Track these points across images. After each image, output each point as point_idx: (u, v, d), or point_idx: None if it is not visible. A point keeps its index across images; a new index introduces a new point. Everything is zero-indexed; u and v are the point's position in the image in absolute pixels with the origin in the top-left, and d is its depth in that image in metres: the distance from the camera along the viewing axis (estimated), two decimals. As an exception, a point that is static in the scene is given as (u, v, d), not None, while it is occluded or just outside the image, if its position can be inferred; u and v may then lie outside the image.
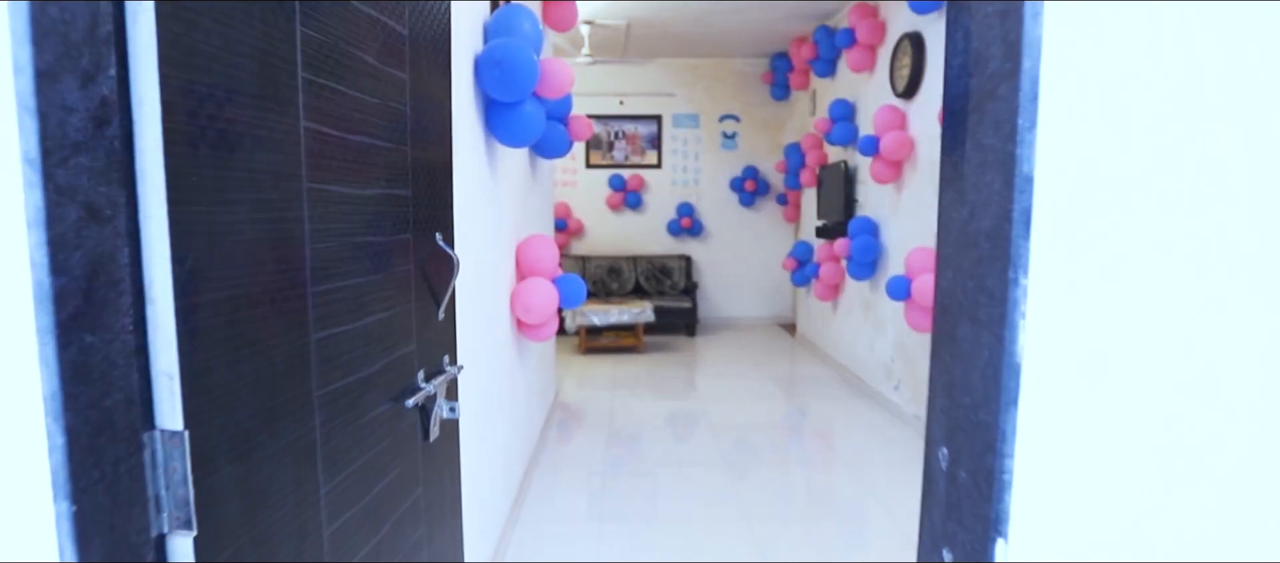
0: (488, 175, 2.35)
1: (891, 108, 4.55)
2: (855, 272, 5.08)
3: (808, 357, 6.55)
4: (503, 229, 2.65)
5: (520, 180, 3.12)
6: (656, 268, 8.01)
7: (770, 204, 8.22)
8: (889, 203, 4.82)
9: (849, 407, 4.90)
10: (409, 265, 1.20)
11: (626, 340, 6.72)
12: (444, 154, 1.39)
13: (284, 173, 0.80)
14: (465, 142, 2.04)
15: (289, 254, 0.81)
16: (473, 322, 2.15)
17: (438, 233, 1.34)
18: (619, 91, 8.03)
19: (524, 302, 2.79)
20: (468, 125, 2.07)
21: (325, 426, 0.90)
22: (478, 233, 2.20)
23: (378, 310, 1.07)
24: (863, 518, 3.17)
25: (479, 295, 2.25)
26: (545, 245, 2.98)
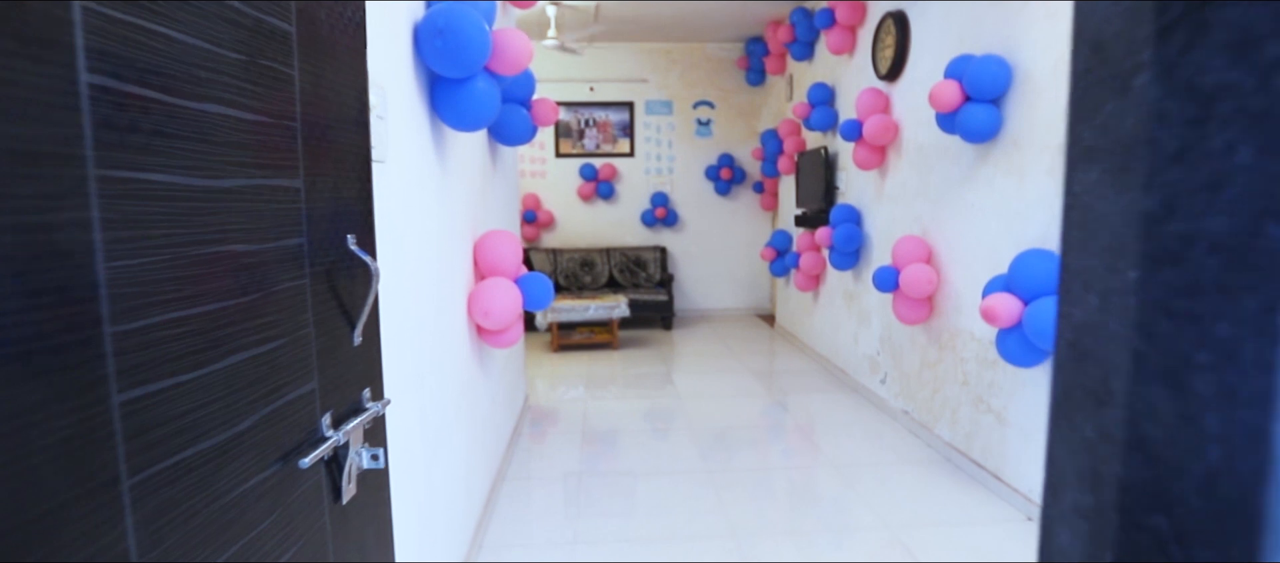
0: (434, 163, 2.06)
1: (874, 91, 4.32)
2: (837, 262, 4.86)
3: (788, 349, 6.34)
4: (455, 225, 2.36)
5: (477, 170, 2.82)
6: (631, 260, 7.74)
7: (747, 193, 7.99)
8: (872, 190, 4.60)
9: (833, 401, 4.68)
10: (303, 278, 0.92)
11: (600, 337, 6.45)
12: (358, 137, 1.10)
13: (41, 153, 0.51)
14: (404, 124, 1.76)
15: (61, 279, 0.53)
16: (416, 335, 1.86)
17: (350, 235, 1.06)
18: (589, 77, 7.73)
19: (483, 306, 2.50)
20: (407, 105, 1.78)
21: (149, 524, 0.62)
22: (422, 230, 1.91)
23: (249, 345, 0.79)
24: (850, 520, 2.95)
25: (427, 302, 1.96)
26: (507, 242, 2.69)
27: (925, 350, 3.86)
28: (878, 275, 3.80)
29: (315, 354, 0.95)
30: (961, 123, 3.08)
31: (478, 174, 2.83)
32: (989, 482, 3.19)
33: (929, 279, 3.55)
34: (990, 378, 3.20)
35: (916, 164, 3.94)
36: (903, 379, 4.17)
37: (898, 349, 4.24)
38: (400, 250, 1.69)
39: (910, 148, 4.02)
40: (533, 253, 7.67)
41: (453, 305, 2.33)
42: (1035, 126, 2.85)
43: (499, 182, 3.40)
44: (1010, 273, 2.72)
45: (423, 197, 1.92)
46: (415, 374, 1.88)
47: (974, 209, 3.32)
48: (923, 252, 3.71)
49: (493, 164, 3.21)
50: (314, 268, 0.95)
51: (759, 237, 8.06)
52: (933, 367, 3.78)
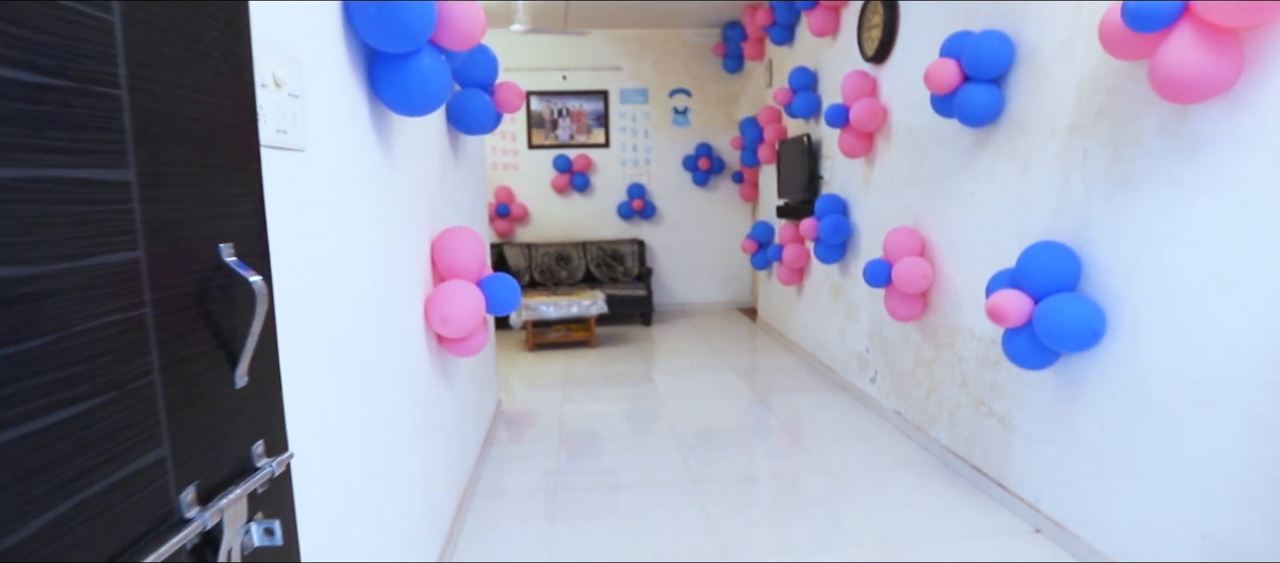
0: (376, 153, 1.79)
1: (861, 74, 4.09)
2: (823, 255, 4.64)
3: (771, 344, 6.13)
4: (406, 223, 2.09)
5: (434, 161, 2.55)
6: (608, 254, 7.49)
7: (726, 183, 7.76)
8: (859, 179, 4.38)
9: (822, 401, 4.47)
10: (139, 309, 0.66)
11: (577, 334, 6.19)
12: (237, 115, 0.84)
13: None
14: (332, 105, 1.49)
15: None
16: (357, 352, 1.60)
17: (225, 245, 0.79)
18: (561, 66, 7.44)
19: (440, 312, 2.24)
20: (336, 83, 1.51)
21: None
22: (360, 231, 1.65)
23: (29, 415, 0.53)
24: (846, 532, 2.73)
25: (369, 313, 1.70)
26: (468, 241, 2.42)
27: (919, 348, 3.66)
28: (868, 270, 3.58)
29: (164, 410, 0.69)
30: (960, 105, 2.86)
31: (435, 165, 2.56)
32: (991, 490, 2.99)
33: (924, 273, 3.34)
34: (992, 379, 3.00)
35: (907, 151, 3.72)
36: (895, 378, 3.97)
37: (889, 347, 4.03)
38: (328, 256, 1.43)
39: (900, 133, 3.80)
40: (507, 248, 7.38)
41: (405, 314, 2.06)
42: (1041, 108, 2.63)
43: (462, 174, 3.13)
44: (1018, 268, 2.50)
45: (360, 192, 1.65)
46: (358, 397, 1.62)
47: (972, 198, 3.11)
48: (916, 244, 3.50)
49: (454, 155, 2.94)
50: (160, 293, 0.69)
51: (739, 228, 7.84)
52: (928, 366, 3.58)
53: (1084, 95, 2.42)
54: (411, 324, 2.14)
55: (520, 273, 7.32)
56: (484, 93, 2.74)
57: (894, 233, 3.56)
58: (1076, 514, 2.52)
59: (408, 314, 2.10)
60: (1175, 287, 2.08)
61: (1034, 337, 2.46)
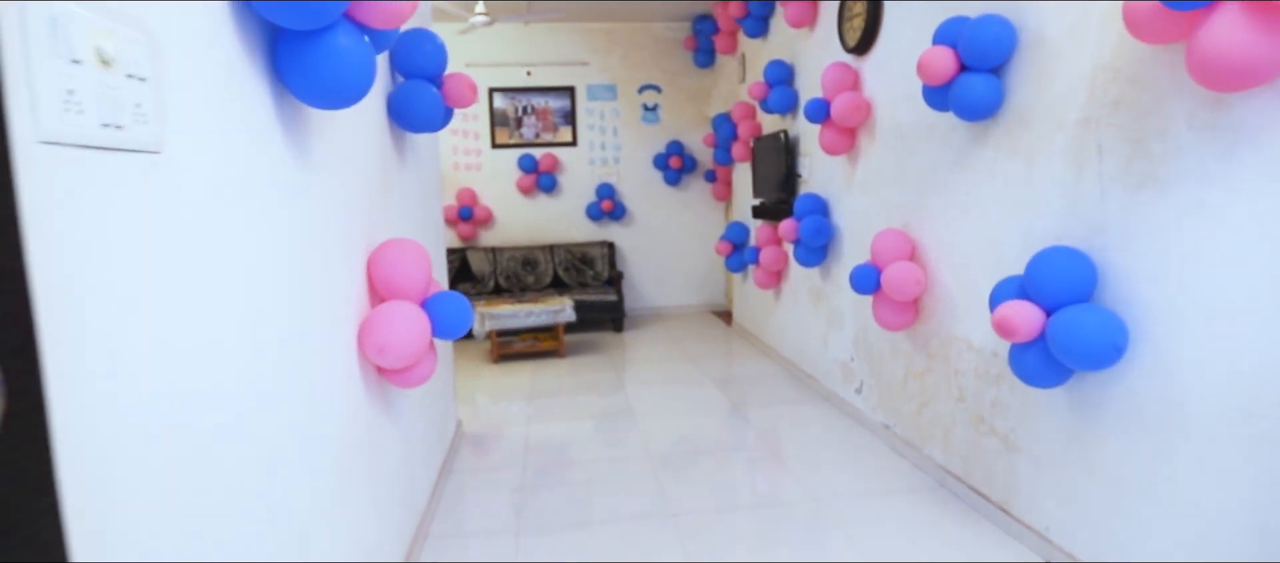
0: (285, 155, 1.47)
1: (842, 66, 3.84)
2: (803, 258, 4.39)
3: (748, 350, 5.88)
4: (329, 237, 1.78)
5: (371, 163, 2.23)
6: (576, 257, 7.18)
7: (698, 182, 7.50)
8: (841, 177, 4.13)
9: (805, 414, 4.22)
10: None
11: (545, 344, 5.88)
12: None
13: None
14: (218, 96, 1.18)
15: None
16: (256, 399, 1.29)
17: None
18: (525, 61, 7.12)
19: (376, 340, 1.92)
20: (225, 66, 1.20)
21: None
22: (256, 252, 1.33)
23: None
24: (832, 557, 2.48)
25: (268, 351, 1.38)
26: (410, 256, 2.11)
27: (910, 359, 3.42)
28: (856, 275, 3.33)
29: None
30: (956, 97, 2.61)
31: (373, 168, 2.24)
32: (995, 515, 2.75)
33: (916, 280, 3.10)
34: (994, 395, 2.76)
35: (894, 147, 3.48)
36: (883, 390, 3.73)
37: (876, 356, 3.79)
38: (204, 289, 1.11)
39: (886, 129, 3.56)
40: (470, 253, 7.04)
41: (331, 343, 1.75)
42: (1048, 100, 2.39)
43: (410, 178, 2.80)
44: (1027, 276, 2.26)
45: (259, 203, 1.33)
46: (256, 458, 1.30)
47: (968, 199, 2.87)
48: (905, 248, 3.26)
49: (399, 156, 2.61)
50: None
51: (713, 229, 7.59)
52: (919, 377, 3.34)
53: (1098, 85, 2.18)
54: (341, 357, 1.82)
55: (485, 278, 6.98)
56: (430, 85, 2.42)
57: (882, 236, 3.31)
58: (1094, 547, 2.28)
59: (335, 346, 1.78)
60: (1212, 297, 1.85)
61: (1046, 352, 2.22)
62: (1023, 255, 2.52)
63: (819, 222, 4.21)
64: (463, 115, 7.10)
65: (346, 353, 1.87)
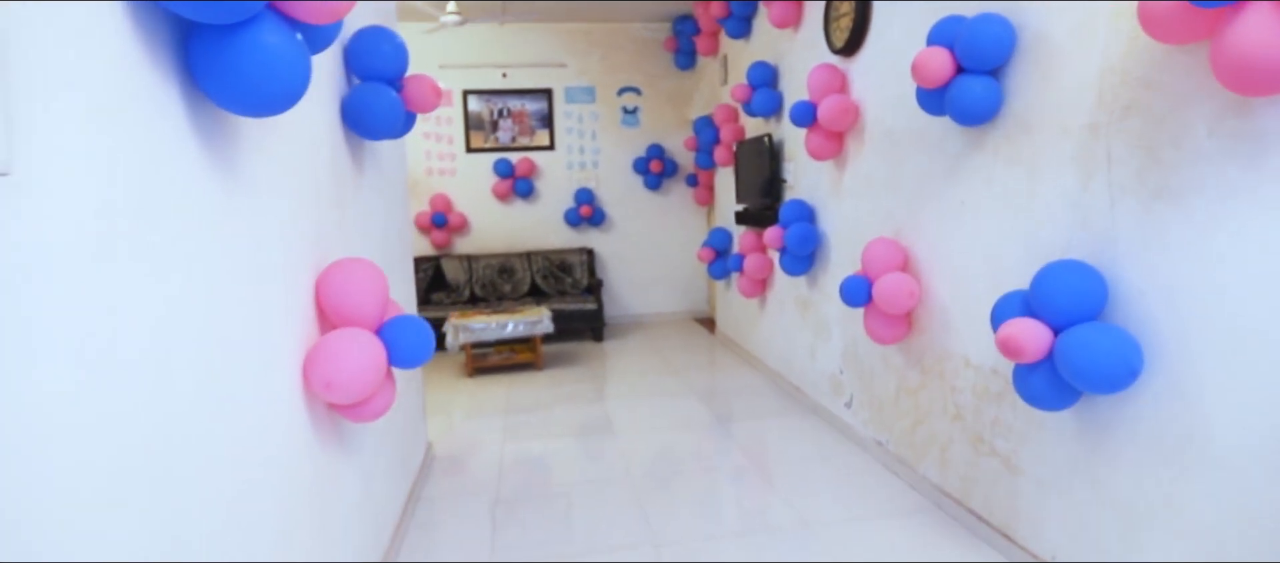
0: (201, 167, 1.27)
1: (829, 68, 3.69)
2: (789, 266, 4.23)
3: (732, 360, 5.71)
4: (263, 260, 1.58)
5: (318, 175, 2.03)
6: (555, 265, 6.99)
7: (679, 186, 7.34)
8: (828, 183, 3.98)
9: (792, 428, 4.07)
10: None
11: (522, 356, 5.68)
12: None
13: None
14: (109, 99, 0.98)
15: None
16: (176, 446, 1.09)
17: None
18: (501, 63, 6.92)
19: (323, 374, 1.73)
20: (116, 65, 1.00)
21: None
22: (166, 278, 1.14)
23: None
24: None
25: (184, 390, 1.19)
26: (363, 277, 1.91)
27: (903, 374, 3.27)
28: (846, 287, 3.17)
29: None
30: (954, 100, 2.46)
31: (323, 181, 2.04)
32: (996, 541, 2.60)
33: (910, 292, 2.95)
34: (994, 415, 2.61)
35: (885, 153, 3.33)
36: (874, 405, 3.57)
37: (867, 370, 3.64)
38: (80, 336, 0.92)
39: (876, 133, 3.41)
40: (445, 261, 6.83)
41: (266, 383, 1.55)
42: (1051, 103, 2.25)
43: (370, 189, 2.60)
44: (1032, 291, 2.11)
45: (163, 228, 1.14)
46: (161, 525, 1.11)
47: (965, 208, 2.72)
48: (897, 258, 3.10)
49: (356, 165, 2.41)
50: None
51: (694, 234, 7.43)
52: (913, 394, 3.19)
53: (1107, 88, 2.03)
54: (280, 398, 1.63)
55: (459, 287, 6.77)
56: (389, 89, 2.23)
57: (873, 245, 3.16)
58: (1105, 581, 2.14)
59: (272, 385, 1.58)
60: (1236, 317, 1.70)
61: (1053, 373, 2.07)
62: (1025, 268, 2.38)
63: (806, 229, 4.05)
64: (436, 119, 6.89)
65: (288, 391, 1.68)
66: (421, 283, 6.71)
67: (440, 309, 6.34)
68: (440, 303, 6.62)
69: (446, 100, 6.89)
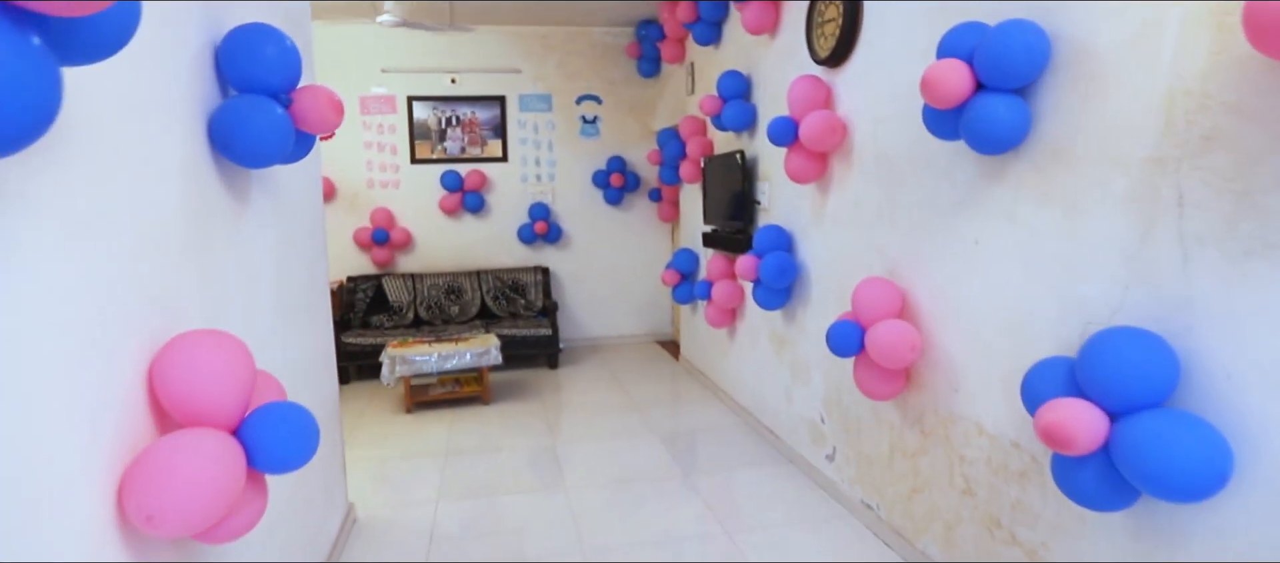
0: None
1: (812, 80, 3.27)
2: (764, 300, 3.80)
3: (698, 393, 5.26)
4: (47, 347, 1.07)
5: (162, 218, 1.51)
6: (507, 285, 6.47)
7: (642, 201, 6.88)
8: (810, 208, 3.56)
9: (767, 480, 3.63)
10: None
11: (468, 389, 5.15)
12: None
13: None
14: None
15: None
16: None
17: None
18: (450, 67, 6.38)
19: (143, 503, 1.22)
20: None
21: None
22: None
23: None
24: None
25: None
26: (215, 357, 1.40)
27: (899, 432, 2.85)
28: (835, 336, 2.74)
29: None
30: (972, 122, 2.05)
31: (173, 225, 1.53)
32: (1019, 648, 2.19)
33: (911, 345, 2.53)
34: (1015, 497, 2.20)
35: (879, 178, 2.92)
36: (862, 463, 3.16)
37: (853, 421, 3.22)
38: None
39: (867, 155, 3.00)
40: (387, 280, 6.26)
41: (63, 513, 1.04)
42: (1098, 130, 1.85)
43: (257, 228, 2.08)
44: (1083, 365, 1.70)
45: None
46: None
47: (979, 249, 2.31)
48: (893, 301, 2.69)
49: (235, 200, 1.89)
50: None
51: (657, 253, 6.98)
52: (910, 457, 2.77)
53: (1179, 113, 1.63)
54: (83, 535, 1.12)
55: (402, 309, 6.20)
56: (272, 103, 1.72)
57: (866, 286, 2.74)
58: None
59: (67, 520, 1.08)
60: (1373, 422, 1.30)
61: (1108, 468, 1.65)
62: (1060, 329, 1.97)
63: (783, 260, 3.62)
64: (378, 127, 6.32)
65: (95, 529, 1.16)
66: (360, 305, 6.13)
67: (380, 334, 5.77)
68: (381, 327, 6.05)
69: (390, 107, 6.34)
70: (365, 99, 6.28)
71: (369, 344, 5.63)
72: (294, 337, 2.38)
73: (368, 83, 6.28)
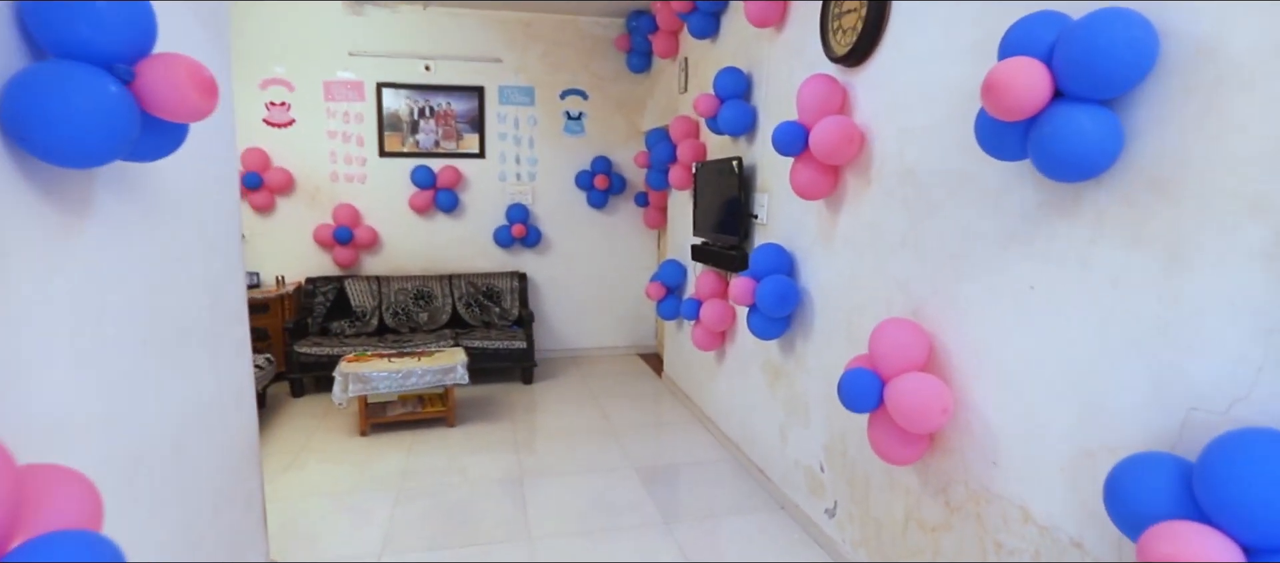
0: None
1: (826, 80, 2.82)
2: (759, 328, 3.35)
3: (682, 417, 4.80)
4: None
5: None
6: (480, 291, 5.98)
7: (628, 205, 6.41)
8: (815, 228, 3.11)
9: (759, 536, 3.18)
10: None
11: (431, 409, 4.66)
12: None
13: None
14: None
15: None
16: None
17: None
18: (424, 53, 5.88)
19: None
20: None
21: None
22: None
23: None
24: None
25: None
26: None
27: (916, 500, 2.40)
28: (850, 387, 2.29)
29: None
30: (1046, 138, 1.59)
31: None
32: None
33: (943, 406, 2.07)
34: (1079, 612, 1.75)
35: (903, 199, 2.47)
36: (869, 525, 2.71)
37: (860, 476, 2.77)
38: None
39: (889, 171, 2.55)
40: (350, 283, 5.75)
41: None
42: (1223, 156, 1.40)
43: (111, 246, 1.59)
44: (1206, 474, 1.25)
45: None
46: None
47: (1038, 298, 1.86)
48: (918, 349, 2.23)
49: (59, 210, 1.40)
50: None
51: (642, 260, 6.52)
52: (930, 531, 2.33)
53: (1354, 141, 1.18)
54: None
55: (366, 315, 5.70)
56: (101, 75, 1.23)
57: (887, 329, 2.28)
58: None
59: None
60: None
61: (1238, 618, 1.21)
62: (1152, 412, 1.52)
63: (783, 285, 3.17)
64: (345, 116, 5.81)
65: None
66: (319, 309, 5.63)
67: (339, 343, 5.26)
68: (341, 334, 5.55)
69: (357, 93, 5.83)
70: (330, 84, 5.77)
71: (325, 354, 5.12)
72: (178, 377, 1.89)
73: (333, 66, 5.76)
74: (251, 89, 5.63)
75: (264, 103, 5.67)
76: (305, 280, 5.74)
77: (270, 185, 5.65)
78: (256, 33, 5.57)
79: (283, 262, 5.83)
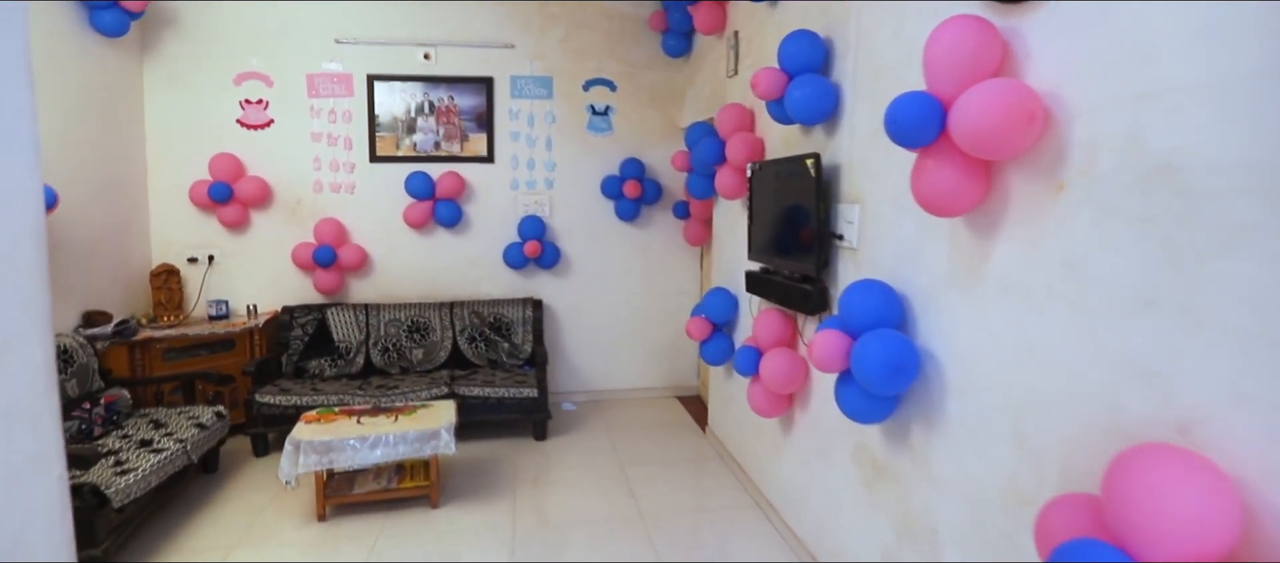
0: None
1: (974, 24, 1.71)
2: (854, 407, 2.24)
3: (733, 497, 3.71)
4: None
5: None
6: (486, 323, 4.99)
7: (664, 217, 5.36)
8: (945, 260, 2.01)
9: None
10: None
11: (410, 483, 3.65)
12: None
13: None
14: None
15: None
16: None
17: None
18: (424, 39, 4.94)
19: None
20: None
21: None
22: None
23: None
24: None
25: None
26: None
27: None
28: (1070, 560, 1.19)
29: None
30: None
31: None
32: None
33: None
34: None
35: (1141, 218, 1.36)
36: None
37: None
38: None
39: (1104, 170, 1.44)
40: (333, 313, 4.82)
41: None
42: None
43: None
44: None
45: None
46: None
47: None
48: (1222, 517, 1.12)
49: None
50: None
51: (681, 282, 5.46)
52: None
53: None
54: None
55: (350, 352, 4.75)
56: None
57: (1147, 466, 1.18)
58: None
59: None
60: None
61: None
62: None
63: (900, 350, 2.06)
64: (329, 114, 4.89)
65: None
66: (296, 344, 4.70)
67: (311, 390, 4.30)
68: (319, 375, 4.62)
69: (344, 88, 4.90)
70: (314, 77, 4.87)
71: (292, 405, 4.17)
72: None
73: (317, 58, 4.86)
74: (225, 85, 4.76)
75: (238, 101, 4.80)
76: (282, 309, 4.82)
77: (243, 198, 4.76)
78: (230, 18, 4.70)
79: (256, 287, 4.93)
